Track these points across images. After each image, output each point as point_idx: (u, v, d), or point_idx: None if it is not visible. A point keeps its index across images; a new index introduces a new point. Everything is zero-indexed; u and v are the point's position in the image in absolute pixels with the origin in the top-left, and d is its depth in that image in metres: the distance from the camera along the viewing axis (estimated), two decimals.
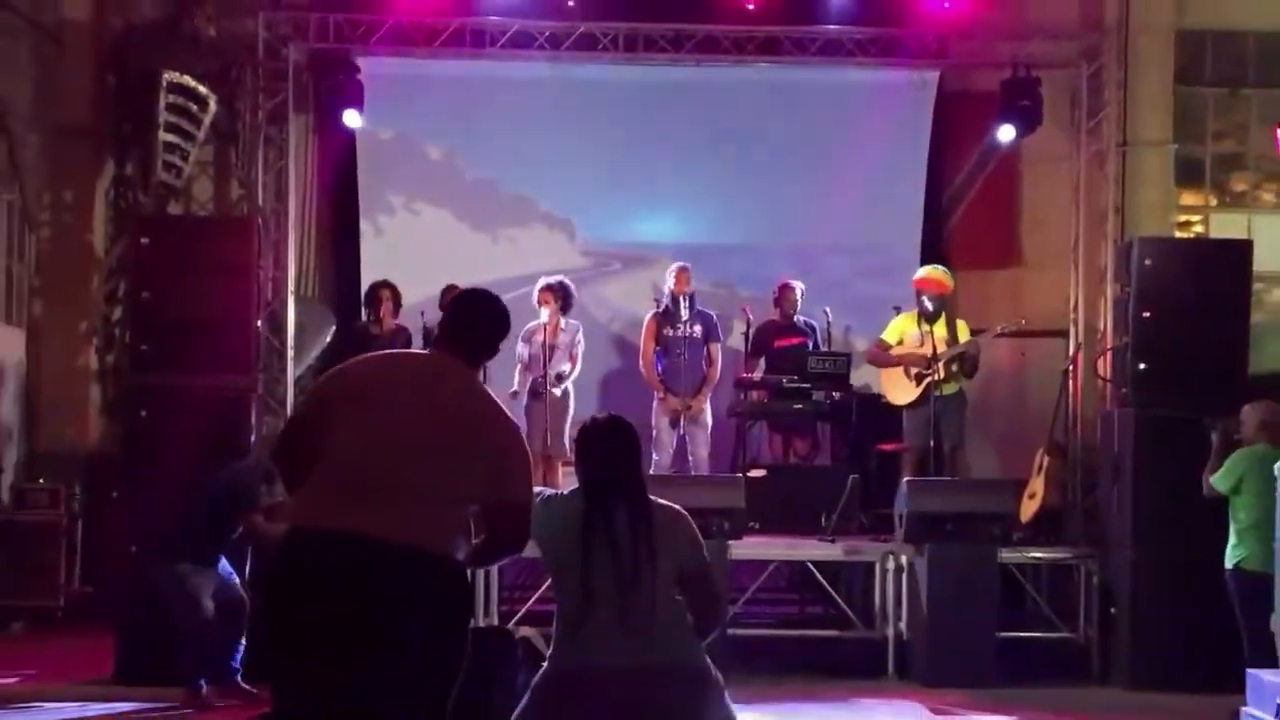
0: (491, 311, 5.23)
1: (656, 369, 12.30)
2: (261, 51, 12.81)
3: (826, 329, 12.58)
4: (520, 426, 5.54)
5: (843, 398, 12.06)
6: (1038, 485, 11.48)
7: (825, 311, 12.62)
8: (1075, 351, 13.01)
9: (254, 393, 10.29)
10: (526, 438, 12.22)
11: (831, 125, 13.73)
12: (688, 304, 12.29)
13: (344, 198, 13.96)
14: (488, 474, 4.81)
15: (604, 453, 5.29)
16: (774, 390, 12.11)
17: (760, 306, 12.72)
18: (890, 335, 11.92)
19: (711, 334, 12.50)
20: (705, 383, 12.33)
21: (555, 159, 13.87)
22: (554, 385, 11.98)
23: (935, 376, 11.57)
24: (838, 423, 12.41)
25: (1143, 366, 10.45)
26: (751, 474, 11.61)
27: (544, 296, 12.06)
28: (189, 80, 12.78)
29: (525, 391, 12.16)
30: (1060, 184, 13.55)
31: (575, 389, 12.30)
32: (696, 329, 12.28)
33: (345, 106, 13.13)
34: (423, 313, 12.26)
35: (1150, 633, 10.14)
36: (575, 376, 12.26)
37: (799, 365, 12.07)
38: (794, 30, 12.94)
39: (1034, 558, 11.03)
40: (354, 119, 13.17)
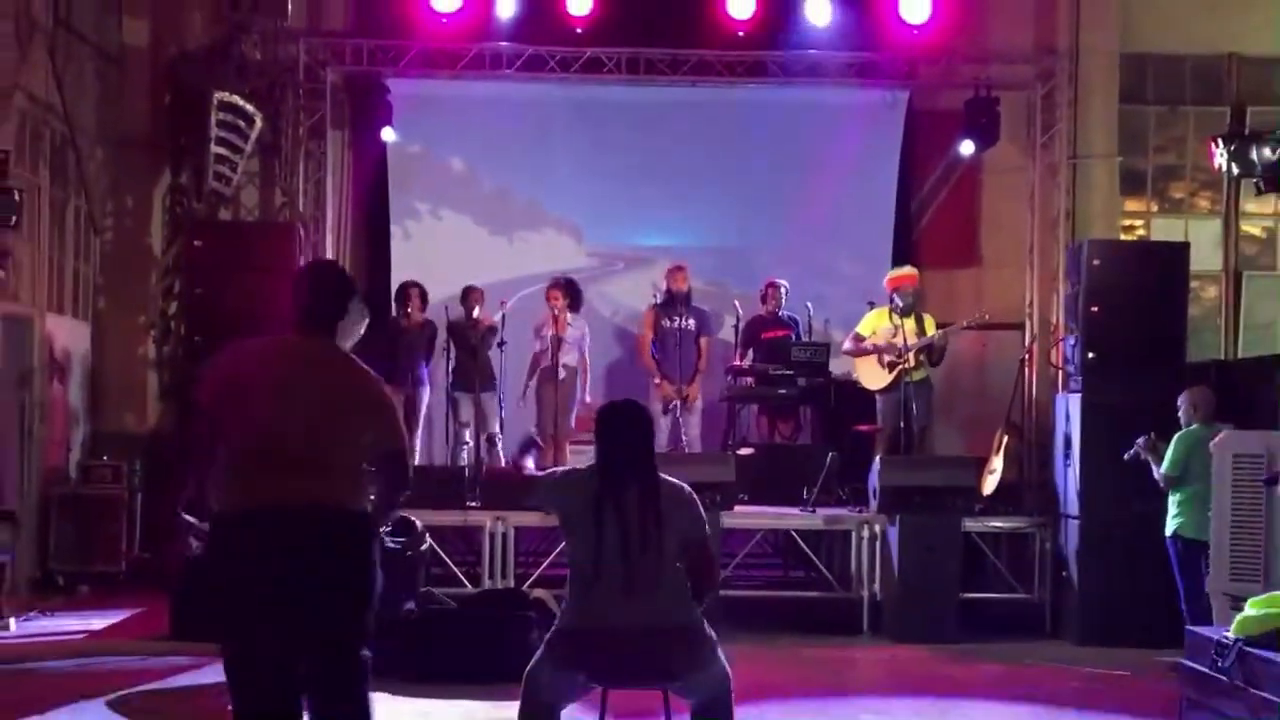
0: (325, 289, 5.13)
1: (654, 356, 12.33)
2: (302, 74, 12.82)
3: (808, 322, 12.60)
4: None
5: (823, 384, 12.06)
6: (997, 462, 11.46)
7: (807, 306, 12.64)
8: (1030, 342, 13.03)
9: None
10: (537, 419, 12.42)
11: (813, 140, 13.70)
12: (683, 300, 12.32)
13: (375, 204, 13.92)
14: (374, 433, 4.95)
15: (621, 433, 5.29)
16: (761, 377, 12.11)
17: (748, 302, 12.71)
18: (865, 328, 11.90)
19: (704, 327, 12.52)
20: (697, 373, 12.37)
21: (564, 170, 13.87)
22: (561, 373, 12.05)
23: (905, 365, 11.56)
24: (818, 406, 12.40)
25: (1091, 355, 10.42)
26: (741, 452, 11.64)
27: (551, 294, 12.15)
28: (237, 99, 12.77)
29: (536, 379, 12.22)
30: (1017, 192, 13.56)
31: (581, 379, 12.38)
32: (691, 322, 12.31)
33: (377, 123, 13.18)
34: (446, 308, 12.30)
35: (1097, 593, 10.14)
36: (589, 377, 12.47)
37: (784, 355, 12.08)
38: (779, 55, 12.96)
39: (993, 526, 11.03)
40: (391, 135, 13.26)
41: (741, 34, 12.79)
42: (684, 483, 5.35)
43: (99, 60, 13.30)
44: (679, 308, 12.30)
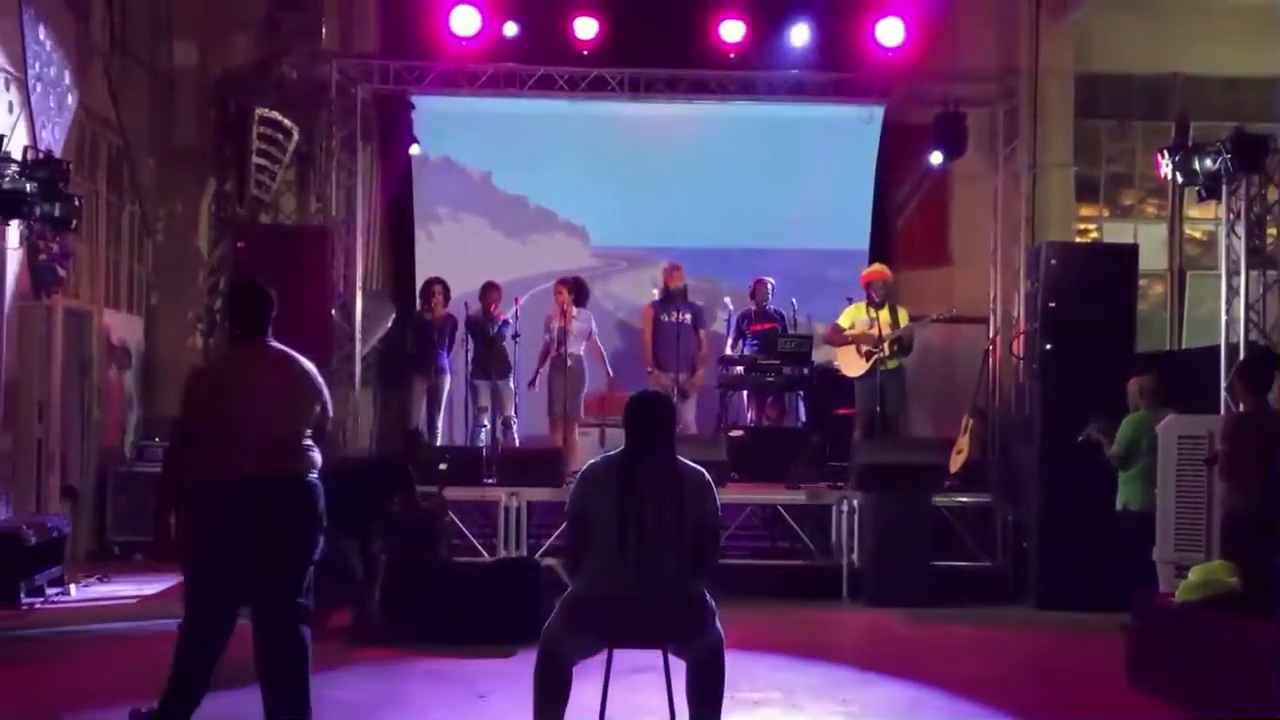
0: (258, 301, 5.98)
1: (652, 349, 12.34)
2: (335, 91, 12.79)
3: (793, 316, 12.56)
4: None
5: (806, 372, 12.07)
6: (963, 443, 11.47)
7: (792, 302, 12.60)
8: (994, 334, 13.00)
9: (327, 369, 10.25)
10: (549, 403, 12.39)
11: (797, 151, 13.67)
12: (680, 295, 12.32)
13: (401, 209, 13.90)
14: (314, 412, 5.90)
15: (646, 421, 5.29)
16: (750, 366, 12.11)
17: (739, 298, 12.71)
18: (844, 320, 11.90)
19: (699, 320, 12.52)
20: (700, 361, 12.41)
21: (573, 178, 13.85)
22: (569, 362, 12.05)
23: (880, 354, 11.57)
24: (802, 392, 12.39)
25: (1049, 346, 10.41)
26: (732, 434, 11.64)
27: (557, 289, 12.18)
28: (276, 115, 12.75)
29: (547, 367, 12.21)
30: (983, 199, 13.51)
31: (588, 364, 12.37)
32: (687, 316, 12.31)
33: (402, 136, 13.18)
34: (466, 303, 12.29)
35: (1054, 562, 10.13)
36: (607, 362, 12.53)
37: (771, 346, 12.08)
38: (766, 74, 12.91)
39: (960, 501, 11.03)
40: (417, 148, 13.26)
41: (732, 55, 12.75)
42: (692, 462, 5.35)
43: (151, 79, 13.28)
44: (676, 303, 12.31)
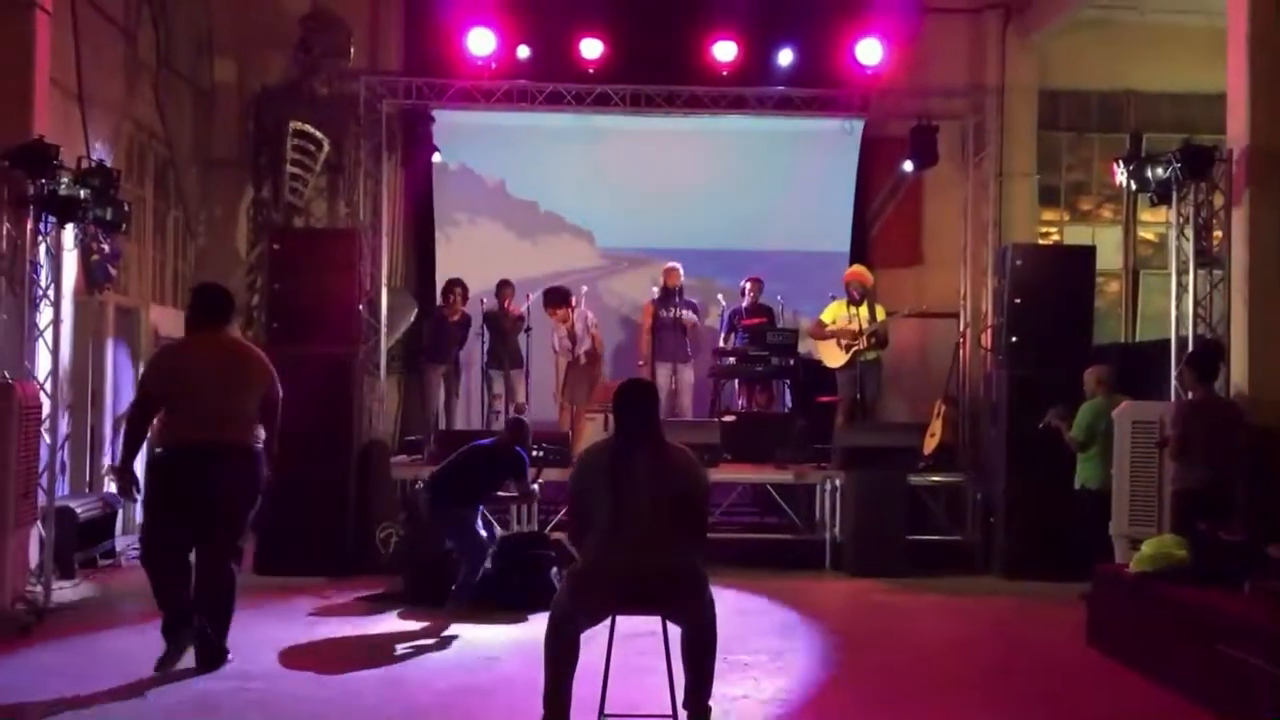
0: (212, 299, 6.76)
1: (649, 345, 12.35)
2: (362, 106, 12.74)
3: (780, 312, 12.56)
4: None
5: (792, 363, 12.05)
6: (936, 427, 11.45)
7: (779, 299, 12.59)
8: (964, 328, 12.98)
9: (356, 359, 10.23)
10: (561, 393, 12.39)
11: (784, 161, 13.63)
12: (678, 293, 12.30)
13: (423, 214, 13.86)
14: (261, 389, 6.64)
15: (633, 406, 5.29)
16: (742, 357, 12.09)
17: (731, 295, 12.70)
18: (826, 316, 11.90)
19: (696, 311, 12.53)
20: (694, 336, 12.43)
21: (580, 185, 13.82)
22: (582, 360, 12.07)
23: (859, 346, 11.56)
24: (788, 381, 12.38)
25: (1014, 339, 10.40)
26: (725, 419, 11.61)
27: (549, 310, 12.10)
28: (309, 128, 12.74)
29: (565, 367, 12.24)
30: (953, 204, 13.49)
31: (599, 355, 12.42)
32: (684, 312, 12.29)
33: (424, 147, 13.21)
34: (482, 300, 12.28)
35: (1019, 535, 10.13)
36: (611, 350, 12.56)
37: (760, 339, 12.07)
38: (756, 91, 12.88)
39: (933, 481, 11.01)
40: (438, 158, 13.31)
41: (725, 73, 12.74)
42: (683, 444, 5.35)
43: (194, 94, 13.26)
44: (674, 300, 12.29)
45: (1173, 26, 13.39)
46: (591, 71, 12.74)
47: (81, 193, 8.30)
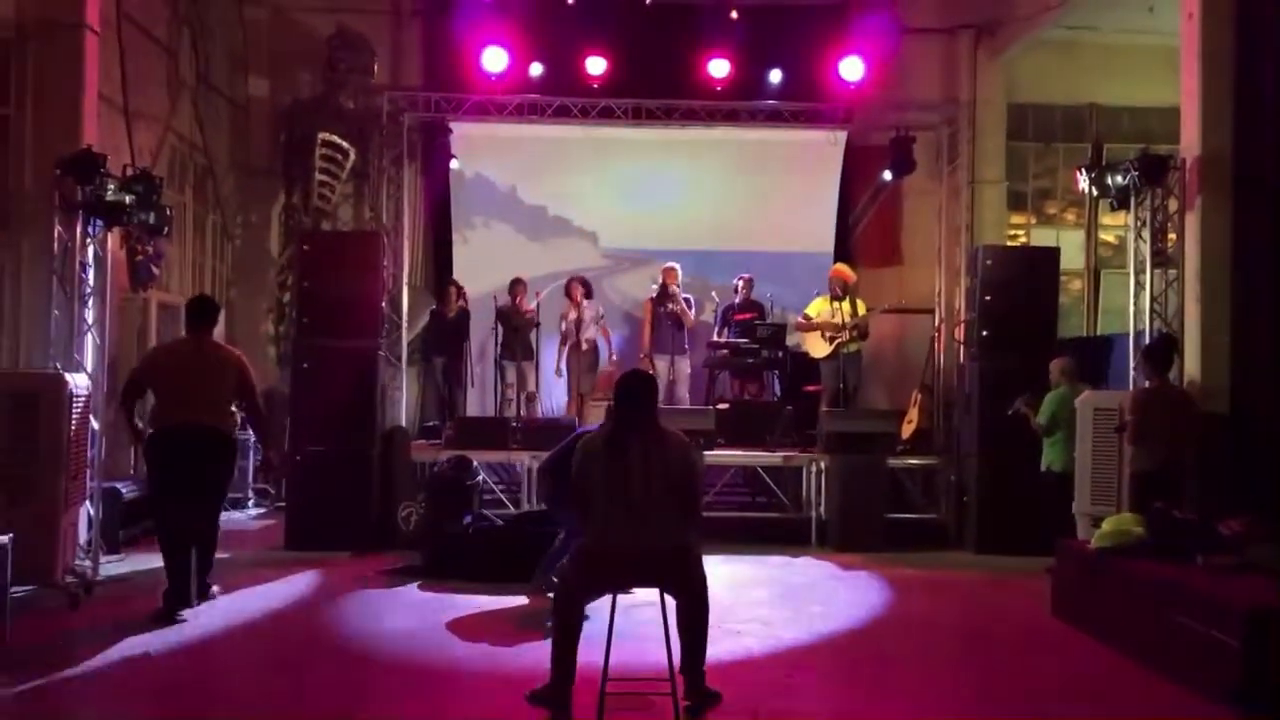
0: (204, 306, 7.51)
1: (650, 338, 12.32)
2: (385, 119, 12.77)
3: (770, 307, 12.54)
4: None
5: (781, 354, 12.03)
6: (913, 414, 11.43)
7: (769, 296, 12.58)
8: (939, 323, 12.98)
9: (379, 351, 10.20)
10: (567, 383, 12.37)
11: (773, 169, 13.61)
12: (675, 291, 12.27)
13: (441, 217, 13.84)
14: (238, 384, 7.30)
15: (630, 396, 5.26)
16: (734, 350, 12.06)
17: (724, 292, 12.66)
18: (811, 310, 11.87)
19: (691, 305, 12.50)
20: (687, 342, 12.37)
21: (585, 191, 13.81)
22: (584, 346, 12.04)
23: (842, 339, 11.53)
24: (777, 371, 12.35)
25: (985, 333, 10.36)
26: (719, 407, 11.58)
27: (572, 287, 12.24)
28: (336, 138, 12.77)
29: (566, 350, 12.21)
30: (929, 209, 13.50)
31: (599, 343, 12.42)
32: (678, 305, 12.27)
33: (442, 156, 13.24)
34: (495, 297, 12.26)
35: (989, 514, 10.09)
36: (614, 343, 12.50)
37: (751, 333, 12.04)
38: (748, 104, 12.91)
39: (911, 463, 10.99)
40: (455, 165, 13.28)
41: (719, 89, 12.83)
42: (679, 430, 5.35)
43: (231, 108, 13.27)
44: (670, 297, 12.25)
45: (1131, 45, 13.37)
46: (596, 87, 12.81)
47: (126, 198, 8.28)
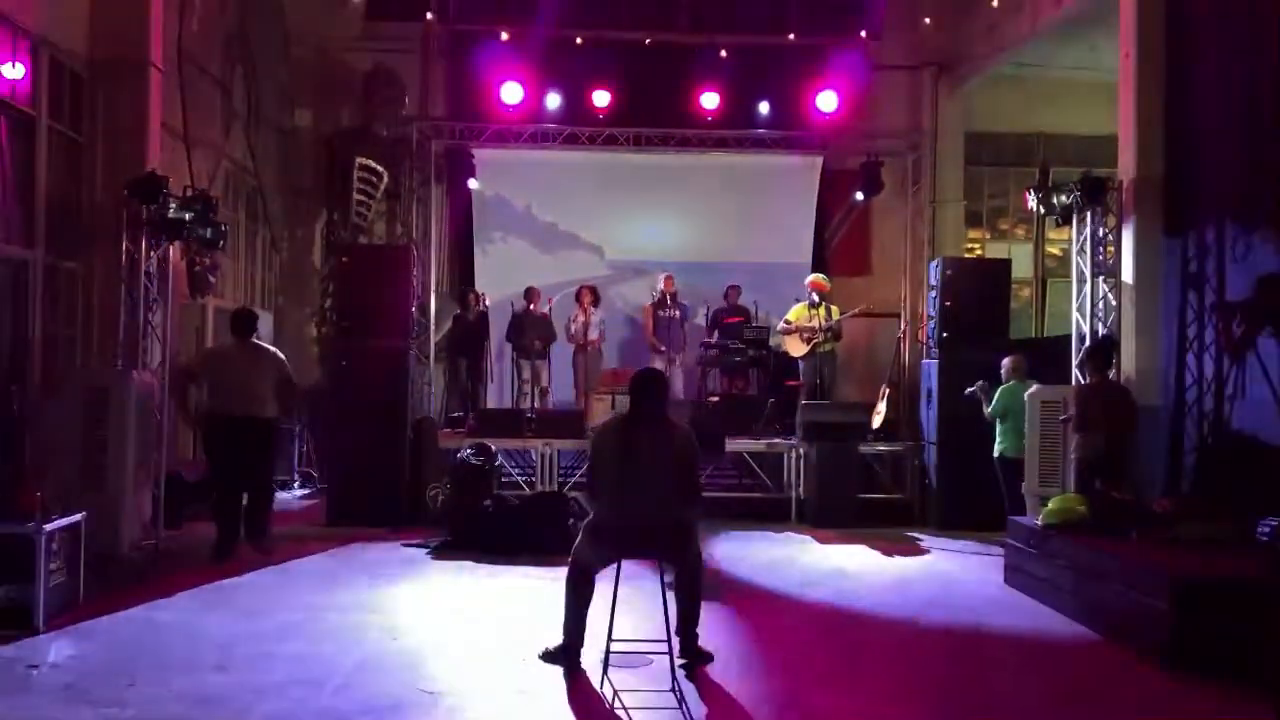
0: (245, 316, 8.12)
1: (653, 337, 12.32)
2: (415, 145, 12.79)
3: (755, 312, 12.56)
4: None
5: (765, 354, 12.05)
6: (882, 406, 11.43)
7: (754, 302, 12.60)
8: (904, 326, 12.99)
9: (409, 350, 10.24)
10: (573, 379, 12.37)
11: (759, 190, 13.62)
12: (672, 297, 12.30)
13: (464, 232, 13.85)
14: (278, 376, 7.91)
15: (646, 390, 5.27)
16: (723, 350, 12.08)
17: (715, 299, 12.68)
18: (792, 315, 11.86)
19: (685, 316, 12.53)
20: (684, 343, 12.41)
21: (593, 209, 13.82)
22: (589, 347, 12.07)
23: (819, 340, 11.55)
24: (761, 369, 12.38)
25: (945, 335, 10.41)
26: (710, 400, 11.60)
27: (582, 293, 12.24)
28: (372, 163, 12.78)
29: (572, 350, 12.23)
30: (896, 225, 13.52)
31: (605, 349, 12.44)
32: (677, 313, 12.30)
33: (465, 178, 13.19)
34: (512, 303, 12.29)
35: (950, 495, 10.15)
36: (602, 345, 12.46)
37: (738, 334, 12.07)
38: (735, 133, 12.94)
39: (880, 450, 11.01)
40: (474, 184, 13.25)
41: (710, 119, 12.92)
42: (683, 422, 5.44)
43: (278, 136, 13.28)
44: (669, 303, 12.28)
45: (1075, 81, 13.40)
46: (601, 117, 12.90)
47: (186, 216, 8.30)
